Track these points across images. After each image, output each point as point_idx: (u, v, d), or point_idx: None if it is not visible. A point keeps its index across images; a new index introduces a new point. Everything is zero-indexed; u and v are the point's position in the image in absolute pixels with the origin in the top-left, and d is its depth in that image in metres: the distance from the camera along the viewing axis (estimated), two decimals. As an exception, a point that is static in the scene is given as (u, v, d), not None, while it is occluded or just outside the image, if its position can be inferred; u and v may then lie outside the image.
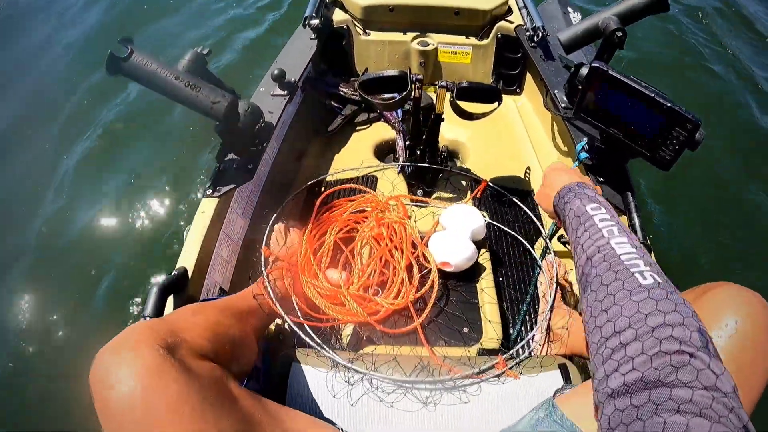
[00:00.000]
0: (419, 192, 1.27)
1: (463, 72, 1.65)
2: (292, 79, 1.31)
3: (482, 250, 1.09)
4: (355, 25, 1.62)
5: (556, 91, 1.31)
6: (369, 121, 1.53)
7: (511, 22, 1.59)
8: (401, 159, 1.34)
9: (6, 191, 1.94)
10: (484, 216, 1.12)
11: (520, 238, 1.17)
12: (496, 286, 1.05)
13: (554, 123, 1.44)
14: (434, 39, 1.62)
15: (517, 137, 1.54)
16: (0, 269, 1.64)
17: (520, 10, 1.63)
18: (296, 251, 1.05)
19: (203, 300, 0.96)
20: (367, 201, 1.18)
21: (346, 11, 1.63)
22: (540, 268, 1.09)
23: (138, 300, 1.48)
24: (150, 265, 1.58)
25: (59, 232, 1.74)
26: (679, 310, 0.45)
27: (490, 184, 1.28)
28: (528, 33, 1.52)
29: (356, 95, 1.50)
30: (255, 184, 1.17)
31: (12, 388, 1.36)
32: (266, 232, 1.06)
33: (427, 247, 1.04)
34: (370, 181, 1.32)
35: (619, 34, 1.06)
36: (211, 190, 1.05)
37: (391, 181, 1.30)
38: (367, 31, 1.63)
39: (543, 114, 1.51)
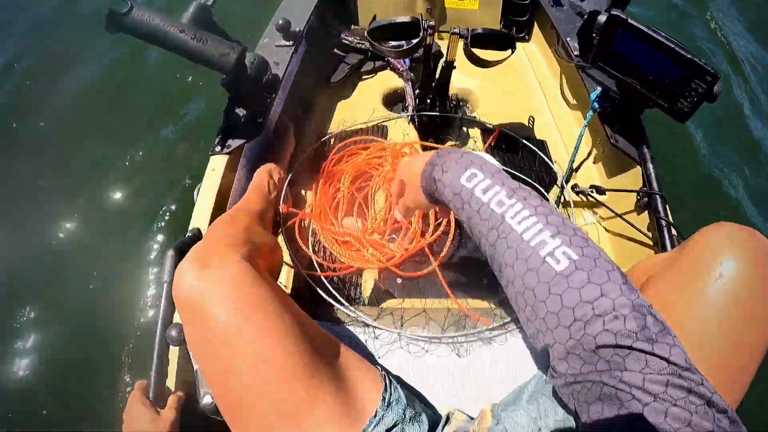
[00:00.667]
0: (431, 141, 1.27)
1: (470, 18, 1.58)
2: (297, 29, 1.26)
3: None
4: None
5: (568, 39, 1.27)
6: (375, 70, 1.49)
7: None
8: (410, 108, 1.32)
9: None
10: (497, 164, 1.13)
11: (535, 184, 1.18)
12: None
13: (564, 71, 1.41)
14: None
15: (526, 85, 1.51)
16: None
17: None
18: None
19: None
20: (380, 149, 1.19)
21: None
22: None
23: (155, 268, 1.47)
24: (161, 230, 1.55)
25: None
26: (606, 291, 0.39)
27: (504, 130, 1.28)
28: None
29: (362, 43, 1.45)
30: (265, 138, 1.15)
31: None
32: (282, 192, 1.05)
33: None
34: (381, 131, 1.31)
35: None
36: (219, 147, 1.04)
37: (402, 130, 1.29)
38: None
39: (553, 61, 1.47)
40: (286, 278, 1.02)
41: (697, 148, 1.83)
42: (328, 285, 0.93)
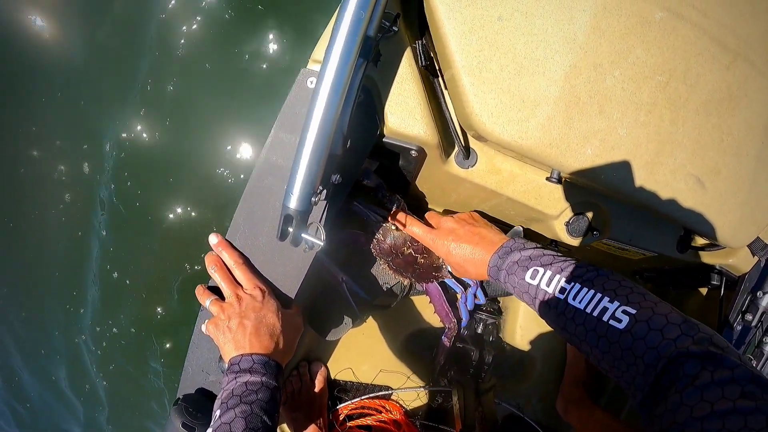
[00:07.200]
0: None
1: (613, 262, 1.03)
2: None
3: None
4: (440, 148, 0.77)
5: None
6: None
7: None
8: (438, 369, 1.10)
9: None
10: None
11: None
12: None
13: None
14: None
15: None
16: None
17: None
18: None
19: None
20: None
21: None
22: None
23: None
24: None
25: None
26: (667, 334, 0.46)
27: None
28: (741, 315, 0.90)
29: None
30: None
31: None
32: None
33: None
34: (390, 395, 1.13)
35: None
36: None
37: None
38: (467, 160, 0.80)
39: None
40: None
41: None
42: None
